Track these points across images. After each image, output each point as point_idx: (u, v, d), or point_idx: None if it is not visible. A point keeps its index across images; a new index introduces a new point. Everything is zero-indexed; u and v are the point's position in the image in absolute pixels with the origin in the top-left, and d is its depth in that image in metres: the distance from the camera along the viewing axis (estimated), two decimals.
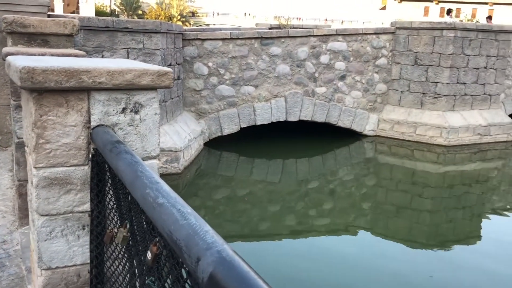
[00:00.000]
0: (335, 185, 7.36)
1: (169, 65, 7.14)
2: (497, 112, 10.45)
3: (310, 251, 4.90)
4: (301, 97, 9.20)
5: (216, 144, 8.62)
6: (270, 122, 9.05)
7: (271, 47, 8.81)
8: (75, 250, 1.70)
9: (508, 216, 6.37)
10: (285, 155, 8.74)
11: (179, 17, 42.96)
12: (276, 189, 6.97)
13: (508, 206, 6.77)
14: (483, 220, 6.22)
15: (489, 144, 9.91)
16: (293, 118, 9.23)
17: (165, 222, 0.82)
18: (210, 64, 8.37)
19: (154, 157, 1.73)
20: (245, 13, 71.78)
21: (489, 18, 17.82)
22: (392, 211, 6.35)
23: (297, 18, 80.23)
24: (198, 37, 8.24)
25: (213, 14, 67.28)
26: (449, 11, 15.72)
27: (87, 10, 33.43)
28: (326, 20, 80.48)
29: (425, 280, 4.26)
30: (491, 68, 10.15)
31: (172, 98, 7.23)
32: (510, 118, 10.56)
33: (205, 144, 8.44)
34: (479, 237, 5.51)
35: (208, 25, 45.97)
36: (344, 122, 9.82)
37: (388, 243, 5.26)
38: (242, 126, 8.82)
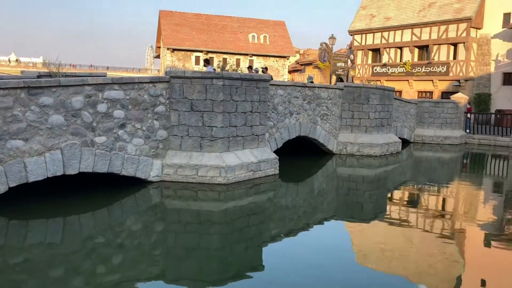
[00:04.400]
0: (123, 236, 7.10)
1: None
2: (264, 150, 11.83)
3: None
4: (80, 148, 8.73)
5: None
6: (46, 177, 8.29)
7: (41, 97, 8.18)
8: None
9: (283, 240, 7.16)
10: (66, 212, 8.08)
11: None
12: (57, 251, 6.34)
13: (281, 233, 7.62)
14: (264, 248, 6.84)
15: (261, 178, 11.12)
16: (72, 171, 8.65)
17: None
18: None
19: None
20: (9, 59, 65.17)
21: (250, 67, 20.29)
22: (183, 254, 6.46)
23: (70, 65, 76.69)
24: None
25: None
26: (207, 62, 17.16)
27: None
28: (91, 66, 79.32)
29: None
30: (256, 112, 11.49)
31: None
32: (275, 154, 12.07)
33: None
34: (262, 266, 6.02)
35: None
36: (128, 170, 9.68)
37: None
38: (11, 186, 7.83)
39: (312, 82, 19.28)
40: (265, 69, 21.52)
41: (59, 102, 8.46)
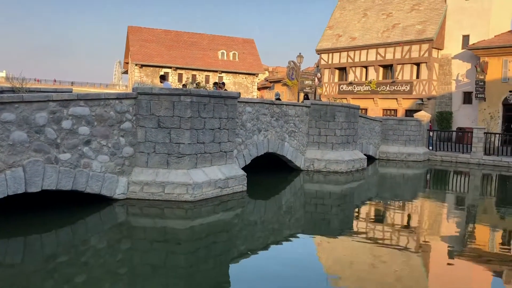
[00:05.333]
0: (88, 255, 6.95)
1: None
2: (232, 167, 11.85)
3: None
4: (43, 165, 8.53)
5: None
6: (6, 195, 8.04)
7: (2, 113, 7.98)
8: None
9: (251, 257, 7.15)
10: (27, 230, 7.84)
11: None
12: (18, 271, 6.14)
13: (249, 250, 7.61)
14: (231, 265, 6.82)
15: (228, 195, 11.11)
16: (34, 188, 8.43)
17: None
18: None
19: None
20: None
21: (216, 84, 20.23)
22: (149, 272, 6.36)
23: (35, 80, 75.11)
24: None
25: None
26: (162, 77, 16.84)
27: None
28: (55, 81, 78.02)
29: None
30: (224, 129, 11.53)
31: None
32: (243, 171, 12.10)
33: None
34: (228, 283, 6.00)
35: None
36: (93, 188, 9.50)
37: None
38: None
39: (279, 99, 19.46)
40: (222, 84, 21.16)
41: (22, 118, 8.27)
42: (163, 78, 16.73)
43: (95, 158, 9.58)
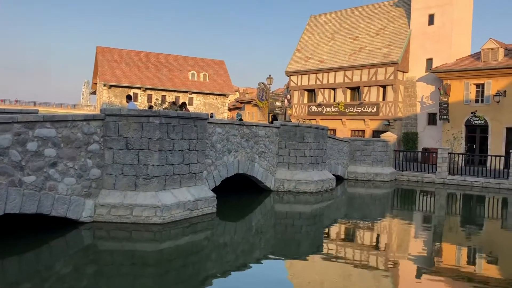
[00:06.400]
0: (52, 281, 6.75)
1: None
2: (202, 188, 11.79)
3: None
4: (6, 188, 8.29)
5: None
6: None
7: None
8: None
9: (220, 279, 7.10)
10: None
11: None
12: None
13: (219, 273, 7.56)
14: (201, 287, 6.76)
15: (198, 217, 11.03)
16: None
17: None
18: None
19: None
20: None
21: (183, 104, 19.87)
22: None
23: None
24: None
25: None
26: (129, 97, 16.05)
27: None
28: (16, 101, 76.75)
29: None
30: (193, 150, 11.51)
31: None
32: (212, 192, 12.06)
33: None
34: None
35: None
36: (58, 211, 9.28)
37: None
38: None
39: (241, 119, 19.53)
40: (174, 104, 20.42)
41: None
42: (129, 98, 16.26)
43: (61, 180, 9.37)
